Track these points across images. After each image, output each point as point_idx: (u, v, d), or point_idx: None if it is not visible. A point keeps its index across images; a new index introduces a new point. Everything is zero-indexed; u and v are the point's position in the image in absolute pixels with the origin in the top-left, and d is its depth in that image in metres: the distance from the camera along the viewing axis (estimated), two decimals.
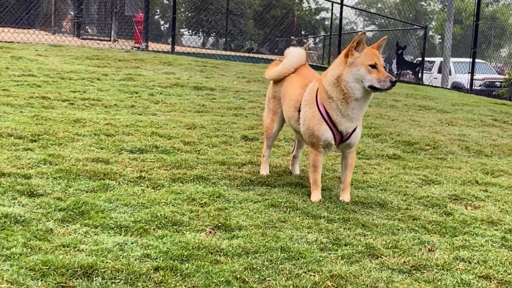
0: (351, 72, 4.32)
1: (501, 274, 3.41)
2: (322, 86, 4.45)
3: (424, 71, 23.42)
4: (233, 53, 19.27)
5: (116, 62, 10.76)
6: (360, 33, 4.42)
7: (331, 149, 4.58)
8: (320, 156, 4.54)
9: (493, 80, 24.27)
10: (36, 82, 8.13)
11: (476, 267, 3.46)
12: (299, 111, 4.62)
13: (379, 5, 52.85)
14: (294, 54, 5.09)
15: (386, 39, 4.50)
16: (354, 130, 4.46)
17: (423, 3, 51.85)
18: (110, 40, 15.75)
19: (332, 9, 24.48)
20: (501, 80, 23.05)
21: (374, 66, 4.27)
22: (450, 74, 24.66)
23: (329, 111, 4.40)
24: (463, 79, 20.96)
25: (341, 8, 17.46)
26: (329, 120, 4.40)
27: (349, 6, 21.45)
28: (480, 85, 22.78)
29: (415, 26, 28.93)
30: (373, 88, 4.29)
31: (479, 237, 4.01)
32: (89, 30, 17.70)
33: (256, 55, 18.70)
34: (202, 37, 33.61)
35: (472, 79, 18.39)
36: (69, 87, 8.08)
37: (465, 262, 3.55)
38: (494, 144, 7.28)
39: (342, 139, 4.46)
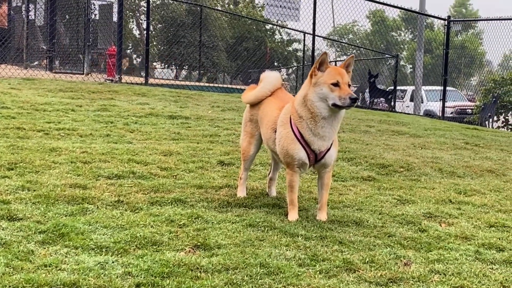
0: (315, 92, 4.42)
1: (476, 285, 3.50)
2: (293, 107, 4.55)
3: (397, 100, 23.74)
4: (206, 84, 19.40)
5: (90, 94, 10.79)
6: (322, 53, 4.53)
7: (306, 168, 4.65)
8: (296, 176, 4.61)
9: (464, 108, 24.69)
10: (11, 114, 8.13)
11: (451, 279, 3.54)
12: (276, 132, 4.70)
13: (351, 36, 53.58)
14: (271, 78, 5.19)
15: (354, 56, 4.61)
16: (329, 150, 4.54)
17: (393, 33, 52.65)
18: (83, 74, 15.77)
19: (304, 40, 24.78)
20: (472, 107, 23.46)
21: (336, 84, 4.37)
22: (422, 102, 25.02)
23: (301, 131, 4.48)
24: (435, 106, 21.31)
25: (313, 38, 17.70)
26: (302, 139, 4.48)
27: (321, 37, 21.76)
28: (451, 113, 23.15)
29: (386, 56, 29.41)
30: (336, 106, 4.38)
31: (453, 251, 4.10)
32: (61, 64, 17.71)
33: (229, 86, 18.84)
34: (175, 70, 33.76)
35: (443, 106, 18.70)
36: (43, 118, 8.10)
37: (440, 274, 3.63)
38: (467, 166, 7.42)
39: (316, 158, 4.54)
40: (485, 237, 4.48)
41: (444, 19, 19.48)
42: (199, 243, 3.78)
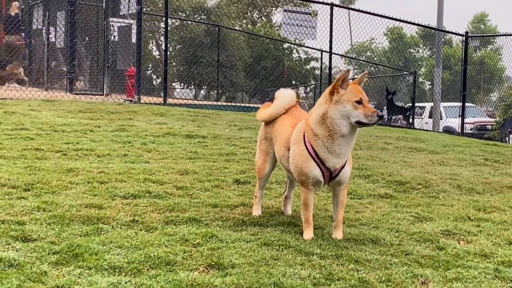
0: (337, 109, 4.40)
1: None
2: (308, 125, 4.53)
3: (415, 116, 23.64)
4: (224, 103, 19.45)
5: (108, 115, 10.85)
6: (344, 70, 4.52)
7: (321, 186, 4.62)
8: (311, 194, 4.58)
9: (484, 124, 24.52)
10: (29, 135, 8.19)
11: None
12: (289, 149, 4.69)
13: (368, 53, 53.57)
14: (285, 95, 5.17)
15: (366, 74, 4.60)
16: (343, 167, 4.51)
17: (411, 50, 52.57)
18: (102, 94, 15.90)
19: (321, 58, 24.81)
20: (492, 123, 23.29)
21: (359, 102, 4.37)
22: (441, 119, 24.88)
23: (315, 148, 4.46)
24: (454, 123, 21.18)
25: (330, 56, 17.71)
26: (317, 157, 4.46)
27: (338, 55, 21.76)
28: (471, 129, 23.00)
29: (404, 72, 29.34)
30: (360, 124, 4.37)
31: (472, 269, 4.04)
32: (82, 85, 17.89)
33: (247, 104, 18.89)
34: (194, 89, 33.92)
35: (463, 122, 18.57)
36: (62, 139, 8.14)
37: None
38: (486, 182, 7.34)
39: (331, 176, 4.51)
40: (505, 254, 4.41)
41: (462, 35, 19.41)
42: (213, 263, 3.76)
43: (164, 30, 15.78)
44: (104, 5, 15.83)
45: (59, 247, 3.80)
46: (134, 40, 15.11)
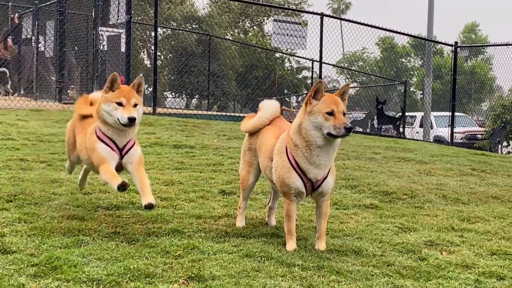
0: (310, 120, 4.40)
1: None
2: (289, 135, 4.53)
3: (406, 126, 23.69)
4: (214, 113, 19.44)
5: None
6: (317, 81, 4.52)
7: (303, 197, 4.61)
8: (293, 206, 4.57)
9: (474, 133, 24.58)
10: (15, 145, 8.15)
11: None
12: (272, 160, 4.68)
13: (360, 63, 53.71)
14: (269, 106, 5.17)
15: (349, 84, 4.58)
16: (325, 178, 4.50)
17: (403, 60, 52.73)
18: None
19: (312, 68, 24.84)
20: (482, 133, 23.36)
21: (331, 113, 4.35)
22: (431, 128, 24.95)
23: (296, 159, 4.46)
24: (445, 132, 21.23)
25: (320, 66, 17.74)
26: (298, 168, 4.46)
27: (329, 64, 21.80)
28: (461, 138, 23.06)
29: (395, 82, 29.41)
30: (330, 135, 4.35)
31: (453, 280, 4.04)
32: (70, 95, 17.84)
33: (237, 114, 18.88)
34: (185, 99, 33.90)
35: (452, 132, 18.63)
36: (48, 149, 8.11)
37: None
38: (471, 192, 7.35)
39: (313, 187, 4.51)
40: (486, 265, 4.42)
41: (451, 45, 19.49)
42: (193, 275, 3.74)
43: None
44: (93, 15, 15.80)
45: (38, 259, 3.78)
46: (123, 49, 15.08)
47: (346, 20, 20.06)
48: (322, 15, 17.59)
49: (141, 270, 3.72)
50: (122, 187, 4.37)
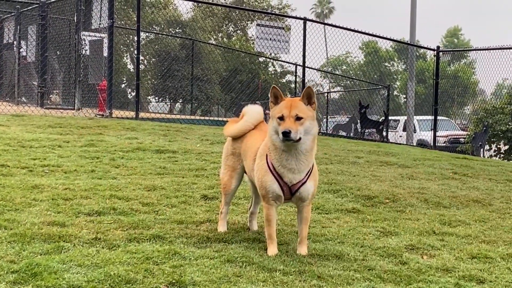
0: (271, 125, 4.47)
1: None
2: (266, 139, 4.57)
3: (390, 130, 23.79)
4: (197, 117, 19.44)
5: (78, 130, 10.78)
6: (271, 87, 4.53)
7: (281, 201, 4.61)
8: (272, 210, 4.58)
9: (457, 137, 24.74)
10: None
11: None
12: None
13: (344, 67, 53.89)
14: (254, 111, 5.19)
15: (312, 87, 4.55)
16: (304, 183, 4.50)
17: (386, 64, 52.99)
18: (74, 109, 15.79)
19: (295, 72, 24.90)
20: (464, 136, 23.51)
21: (281, 118, 4.38)
22: (415, 132, 25.08)
23: (272, 162, 4.48)
24: (428, 136, 21.36)
25: (303, 70, 17.79)
26: (275, 171, 4.47)
27: (312, 68, 21.85)
28: (444, 142, 23.20)
29: (379, 86, 29.54)
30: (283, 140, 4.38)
31: (433, 284, 4.06)
32: (56, 99, 17.77)
33: (220, 118, 18.89)
34: (169, 103, 33.84)
35: (435, 136, 18.74)
36: (29, 154, 8.06)
37: None
38: (453, 196, 7.39)
39: (291, 191, 4.51)
40: (467, 269, 4.45)
41: (433, 50, 19.63)
42: (174, 281, 3.73)
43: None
44: (75, 19, 15.74)
45: (18, 266, 3.76)
46: (105, 54, 15.04)
47: (330, 25, 20.14)
48: (305, 19, 17.67)
49: (122, 276, 3.71)
50: None
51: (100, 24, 15.12)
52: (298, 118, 4.36)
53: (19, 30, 17.85)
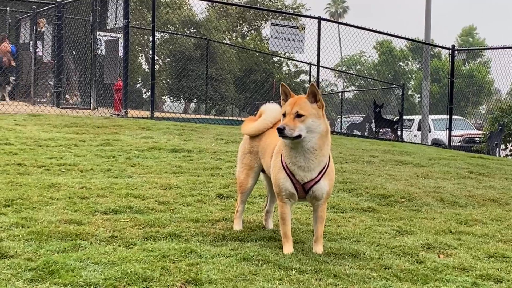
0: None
1: None
2: None
3: (404, 129, 23.71)
4: (212, 117, 19.48)
5: (94, 129, 10.83)
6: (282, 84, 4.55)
7: (295, 199, 4.60)
8: (287, 208, 4.57)
9: (472, 136, 24.61)
10: (13, 150, 8.16)
11: None
12: None
13: (358, 67, 53.76)
14: (272, 110, 5.19)
15: (314, 84, 4.54)
16: (318, 182, 4.49)
17: (401, 63, 52.81)
18: (89, 109, 15.88)
19: (310, 71, 24.88)
20: (480, 136, 23.38)
21: (284, 115, 4.41)
22: (429, 131, 24.97)
23: (285, 160, 4.48)
24: (443, 135, 21.27)
25: (318, 69, 17.77)
26: (287, 168, 4.47)
27: (326, 68, 21.83)
28: (459, 141, 23.09)
29: (393, 85, 29.46)
30: None
31: (450, 283, 4.04)
32: (69, 100, 17.85)
33: (235, 118, 18.91)
34: (184, 103, 33.92)
35: (450, 135, 18.65)
36: (45, 153, 8.12)
37: None
38: (469, 195, 7.36)
39: (305, 189, 4.50)
40: (484, 268, 4.42)
41: (448, 48, 19.55)
42: (190, 279, 3.74)
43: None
44: (91, 19, 15.82)
45: (36, 263, 3.78)
46: (121, 54, 15.10)
47: (344, 24, 20.13)
48: (319, 19, 17.64)
49: (139, 274, 3.72)
50: None
51: (115, 24, 15.18)
52: (299, 116, 4.35)
53: (35, 30, 17.96)
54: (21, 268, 3.70)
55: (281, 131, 4.31)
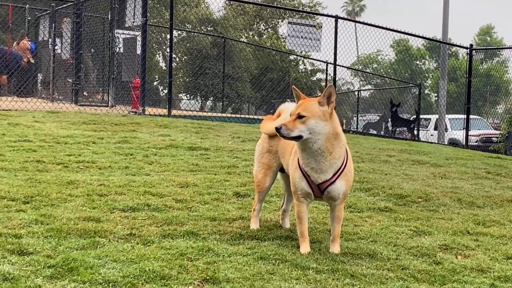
0: None
1: None
2: None
3: (421, 128, 23.61)
4: (229, 115, 19.49)
5: (112, 126, 10.89)
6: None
7: (311, 199, 4.61)
8: (303, 207, 4.58)
9: (489, 136, 24.46)
10: (32, 147, 8.23)
11: None
12: None
13: (375, 65, 53.56)
14: (291, 109, 5.18)
15: (331, 86, 4.52)
16: (334, 182, 4.49)
17: (418, 62, 52.56)
18: (107, 106, 15.96)
19: (326, 70, 24.84)
20: (497, 136, 23.24)
21: (290, 116, 4.43)
22: (446, 131, 24.85)
23: (300, 161, 4.50)
24: (460, 135, 21.16)
25: (335, 68, 17.74)
26: (303, 169, 4.49)
27: (343, 66, 21.79)
28: (477, 141, 22.95)
29: (410, 85, 29.33)
30: None
31: (468, 284, 4.03)
32: (92, 98, 17.95)
33: (251, 116, 18.93)
34: (200, 101, 34.00)
35: (467, 134, 18.56)
36: (64, 151, 8.18)
37: None
38: (487, 196, 7.32)
39: (320, 189, 4.51)
40: (502, 269, 4.40)
41: (466, 48, 19.43)
42: (208, 277, 3.76)
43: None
44: (109, 17, 15.89)
45: (55, 260, 3.82)
46: (139, 51, 15.16)
47: (361, 23, 20.08)
48: (336, 17, 17.61)
49: (157, 272, 3.75)
50: None
51: (133, 22, 15.24)
52: (301, 117, 4.35)
53: (54, 28, 18.07)
54: (41, 265, 3.74)
55: (277, 130, 4.35)
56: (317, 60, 29.43)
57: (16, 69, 18.42)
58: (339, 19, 17.65)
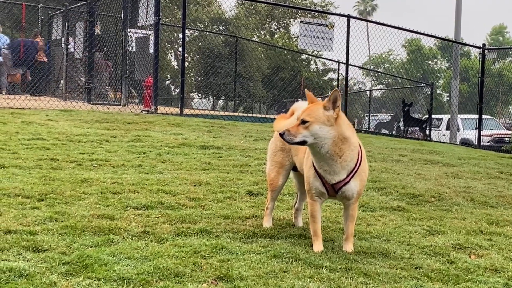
0: None
1: None
2: None
3: (433, 128, 23.54)
4: (240, 114, 19.50)
5: (125, 125, 10.93)
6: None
7: (325, 198, 4.61)
8: (316, 206, 4.58)
9: (502, 136, 24.34)
10: (46, 145, 8.27)
11: None
12: None
13: (387, 65, 53.44)
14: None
15: (337, 90, 4.48)
16: (348, 182, 4.49)
17: (430, 62, 52.39)
18: (120, 105, 16.01)
19: (338, 69, 24.80)
20: (509, 136, 23.13)
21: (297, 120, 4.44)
22: (458, 131, 24.76)
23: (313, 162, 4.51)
24: (472, 135, 21.07)
25: (347, 68, 17.72)
26: (317, 170, 4.50)
27: (355, 66, 21.76)
28: (489, 141, 22.85)
29: (422, 84, 29.26)
30: None
31: (482, 284, 4.03)
32: (112, 96, 18.01)
33: (263, 115, 18.94)
34: (212, 100, 34.05)
35: (479, 134, 18.48)
36: (77, 149, 8.22)
37: None
38: (500, 195, 7.30)
39: (334, 189, 4.51)
40: None
41: (478, 47, 19.35)
42: (222, 275, 3.78)
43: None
44: (122, 16, 15.94)
45: (70, 257, 3.84)
46: (151, 50, 15.20)
47: (373, 22, 20.03)
48: (348, 17, 17.58)
49: (171, 269, 3.77)
50: None
51: (146, 21, 15.28)
52: (304, 122, 4.34)
53: (67, 27, 18.15)
54: (55, 262, 3.76)
55: (281, 136, 4.37)
56: (329, 60, 29.38)
57: (32, 59, 18.51)
58: (351, 19, 17.62)
